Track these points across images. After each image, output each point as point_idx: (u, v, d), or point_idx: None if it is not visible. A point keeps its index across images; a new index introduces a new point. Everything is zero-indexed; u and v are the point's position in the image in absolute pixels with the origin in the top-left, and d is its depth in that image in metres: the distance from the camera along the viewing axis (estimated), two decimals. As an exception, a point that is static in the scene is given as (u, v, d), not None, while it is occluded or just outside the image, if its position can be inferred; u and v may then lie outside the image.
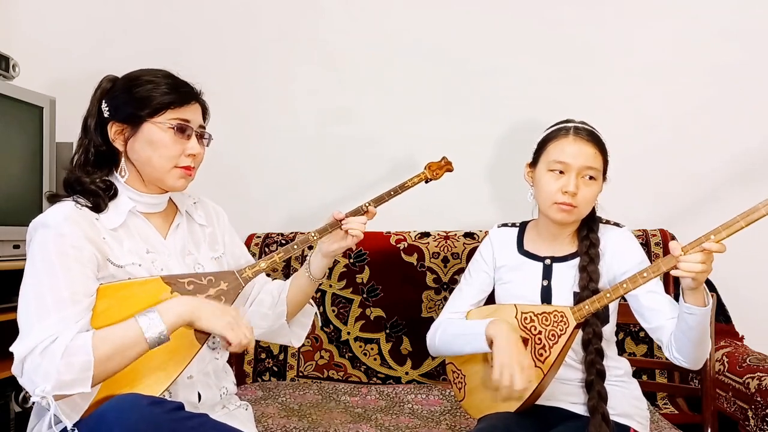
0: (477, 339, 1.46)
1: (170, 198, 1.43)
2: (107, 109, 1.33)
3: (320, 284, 1.55)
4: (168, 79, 1.34)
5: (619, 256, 1.50)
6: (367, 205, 1.51)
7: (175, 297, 1.26)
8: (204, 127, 1.40)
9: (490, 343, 1.42)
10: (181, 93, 1.33)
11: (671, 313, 1.42)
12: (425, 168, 1.68)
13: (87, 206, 1.28)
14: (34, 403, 1.26)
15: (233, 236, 1.56)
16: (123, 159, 1.34)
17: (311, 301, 1.58)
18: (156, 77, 1.33)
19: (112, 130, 1.32)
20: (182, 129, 1.32)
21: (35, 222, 1.25)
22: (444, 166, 1.70)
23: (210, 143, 1.42)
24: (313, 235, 1.45)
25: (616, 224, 1.57)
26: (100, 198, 1.29)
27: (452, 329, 1.56)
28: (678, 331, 1.35)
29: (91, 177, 1.31)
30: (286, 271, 2.29)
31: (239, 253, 1.56)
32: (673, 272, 1.25)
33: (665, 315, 1.42)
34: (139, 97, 1.31)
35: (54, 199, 1.30)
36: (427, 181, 1.67)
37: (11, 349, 1.14)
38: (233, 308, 1.30)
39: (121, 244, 1.29)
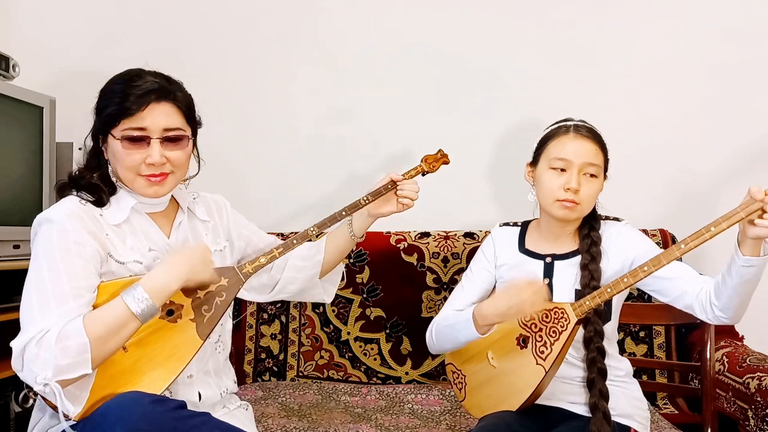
0: (467, 325, 1.47)
1: (172, 195, 1.42)
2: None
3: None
4: (126, 85, 1.28)
5: (623, 249, 1.50)
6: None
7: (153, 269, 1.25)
8: (177, 129, 1.30)
9: (486, 329, 1.45)
10: (132, 101, 1.26)
11: (690, 274, 1.42)
12: (421, 161, 1.67)
13: (90, 201, 1.29)
14: (35, 402, 1.26)
15: (239, 220, 1.56)
16: (110, 168, 1.34)
17: None
18: (116, 85, 1.30)
19: (99, 140, 1.34)
20: (133, 139, 1.27)
21: (39, 217, 1.25)
22: (440, 159, 1.68)
23: (190, 143, 1.34)
24: (312, 230, 1.46)
25: (616, 219, 1.57)
26: (101, 192, 1.30)
27: (445, 322, 1.57)
28: (727, 288, 1.31)
29: (92, 173, 1.32)
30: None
31: (248, 234, 1.55)
32: (758, 221, 1.21)
33: (686, 279, 1.42)
34: (98, 109, 1.31)
35: (62, 190, 1.32)
36: (423, 174, 1.65)
37: (11, 344, 1.14)
38: (197, 248, 1.29)
39: (123, 241, 1.30)
